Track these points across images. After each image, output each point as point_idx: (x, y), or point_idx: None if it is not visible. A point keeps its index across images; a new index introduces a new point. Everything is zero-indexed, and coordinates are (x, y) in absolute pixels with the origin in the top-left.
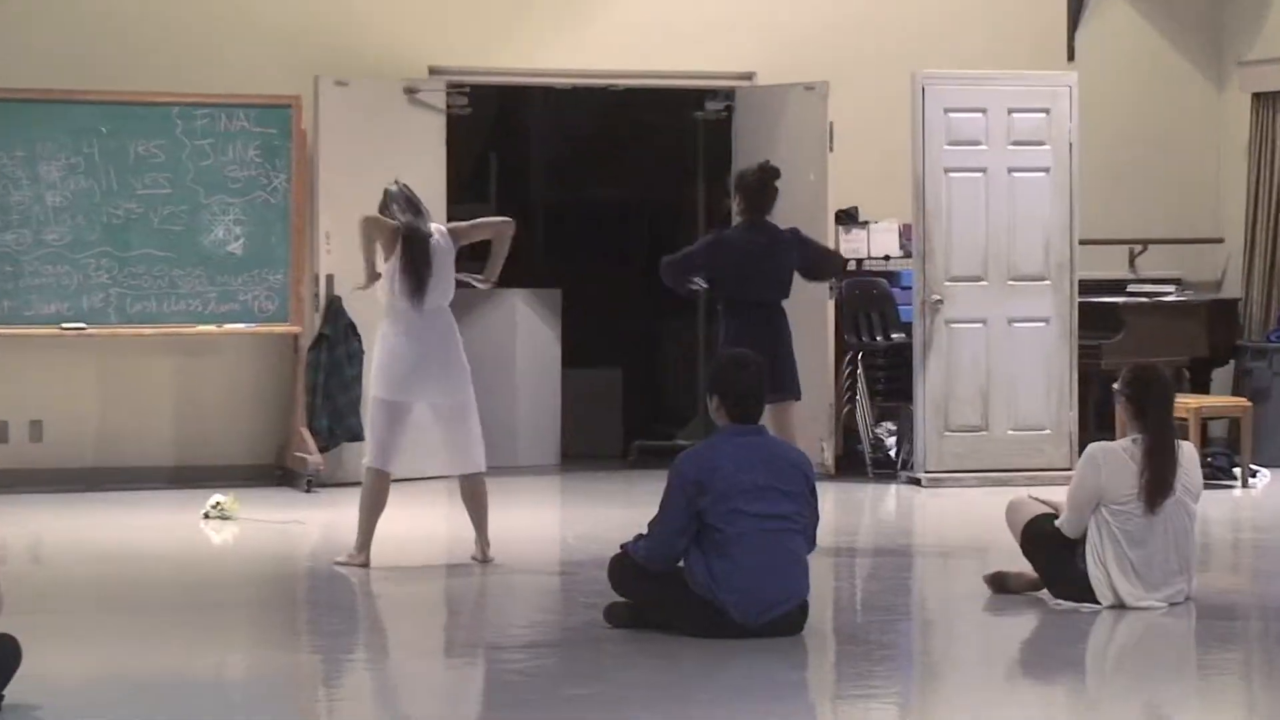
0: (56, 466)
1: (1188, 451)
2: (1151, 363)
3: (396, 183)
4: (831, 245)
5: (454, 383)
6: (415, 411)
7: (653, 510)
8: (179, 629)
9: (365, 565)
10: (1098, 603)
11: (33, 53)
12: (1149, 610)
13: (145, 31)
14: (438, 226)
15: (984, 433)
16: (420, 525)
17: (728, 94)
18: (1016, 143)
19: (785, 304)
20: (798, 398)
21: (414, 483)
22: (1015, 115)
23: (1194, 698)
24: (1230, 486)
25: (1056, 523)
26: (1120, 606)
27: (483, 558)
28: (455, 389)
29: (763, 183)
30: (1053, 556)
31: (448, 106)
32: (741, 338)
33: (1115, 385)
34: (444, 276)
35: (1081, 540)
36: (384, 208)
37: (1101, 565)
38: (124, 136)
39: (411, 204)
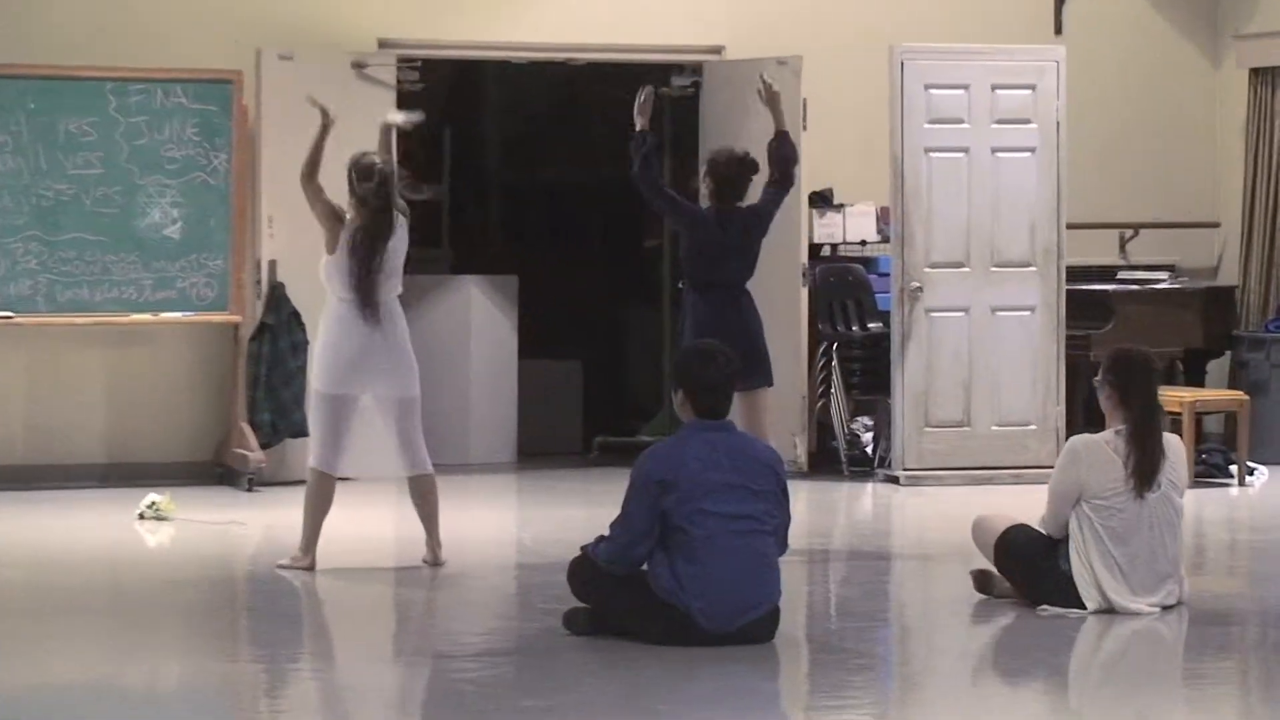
0: None
1: (1174, 444)
2: (1133, 346)
3: (379, 159)
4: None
5: (403, 376)
6: (360, 405)
7: (615, 510)
8: (113, 636)
9: (310, 568)
10: (1084, 607)
11: None
12: (1139, 615)
13: (76, 2)
14: (401, 218)
15: (966, 428)
16: (368, 526)
17: (695, 69)
18: (1001, 121)
19: (756, 288)
20: (770, 384)
21: (361, 482)
22: (999, 92)
23: (1186, 709)
24: (1226, 485)
25: (1037, 522)
26: (1109, 611)
27: (434, 560)
28: (404, 384)
29: (740, 175)
30: (1032, 564)
31: (398, 82)
32: (709, 321)
33: (1096, 377)
34: (394, 271)
35: (1062, 541)
36: (356, 187)
37: (1086, 564)
38: (54, 113)
39: (382, 194)
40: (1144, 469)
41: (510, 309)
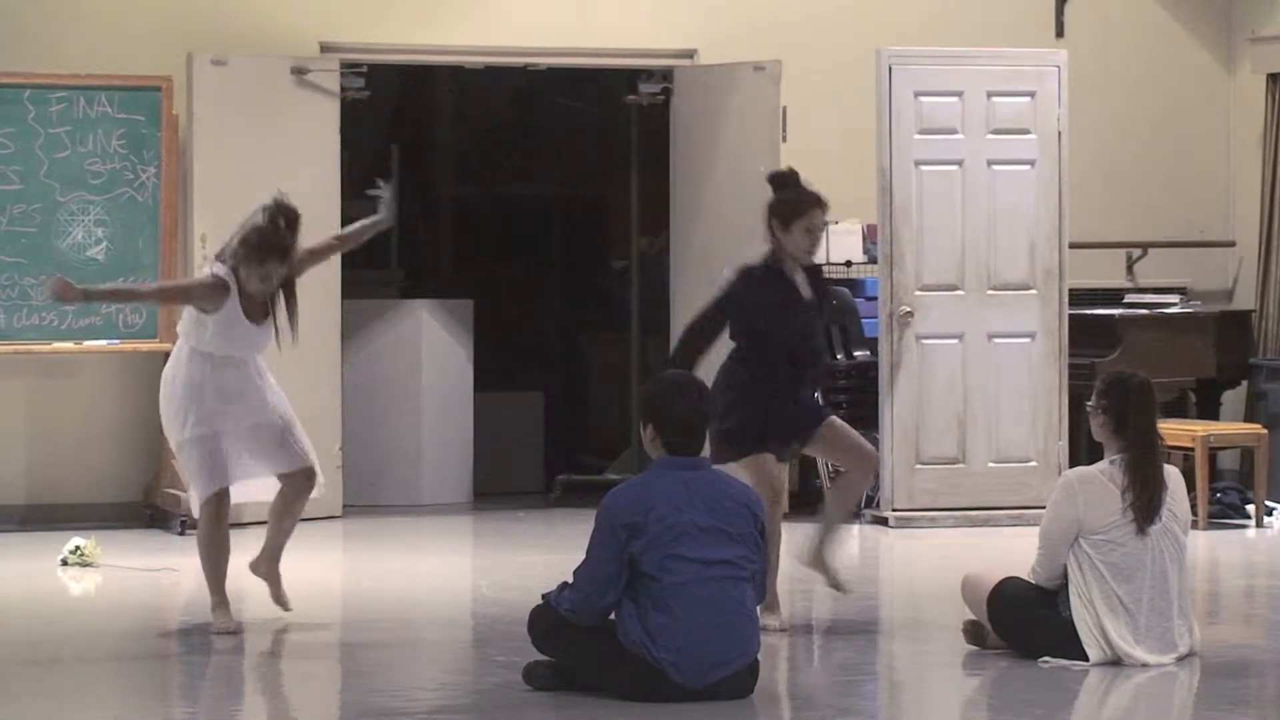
0: None
1: (1173, 475)
2: (1128, 370)
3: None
4: None
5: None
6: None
7: (579, 555)
8: (32, 693)
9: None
10: (1086, 658)
11: None
12: (1145, 667)
13: None
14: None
15: (960, 465)
16: (308, 573)
17: (665, 74)
18: (997, 131)
19: None
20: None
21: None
22: (996, 100)
23: None
24: (1243, 526)
25: (1027, 572)
26: (1114, 663)
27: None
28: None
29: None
30: (1030, 614)
31: (342, 89)
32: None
33: (1089, 402)
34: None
35: (1062, 588)
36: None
37: (1089, 605)
38: None
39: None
40: (1145, 502)
41: (465, 336)
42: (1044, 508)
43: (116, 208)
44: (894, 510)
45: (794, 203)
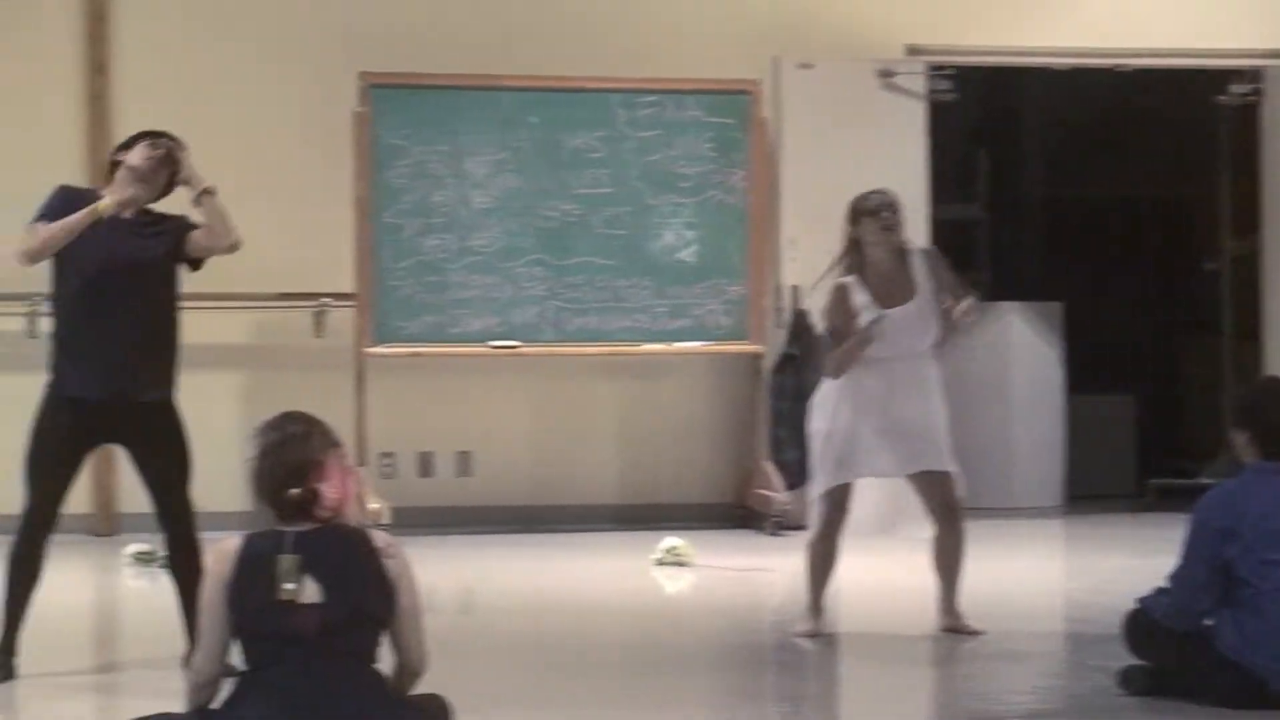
0: (487, 504)
1: None
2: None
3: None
4: None
5: None
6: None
7: (1171, 559)
8: (629, 694)
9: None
10: None
11: (455, 34)
12: None
13: (580, 8)
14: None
15: None
16: (890, 578)
17: (1254, 74)
18: None
19: None
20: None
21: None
22: None
23: None
24: None
25: None
26: None
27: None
28: None
29: None
30: None
31: (929, 92)
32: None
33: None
34: None
35: None
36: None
37: None
38: (557, 128)
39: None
40: None
41: (1055, 339)
42: None
43: (706, 211)
44: None
45: None
